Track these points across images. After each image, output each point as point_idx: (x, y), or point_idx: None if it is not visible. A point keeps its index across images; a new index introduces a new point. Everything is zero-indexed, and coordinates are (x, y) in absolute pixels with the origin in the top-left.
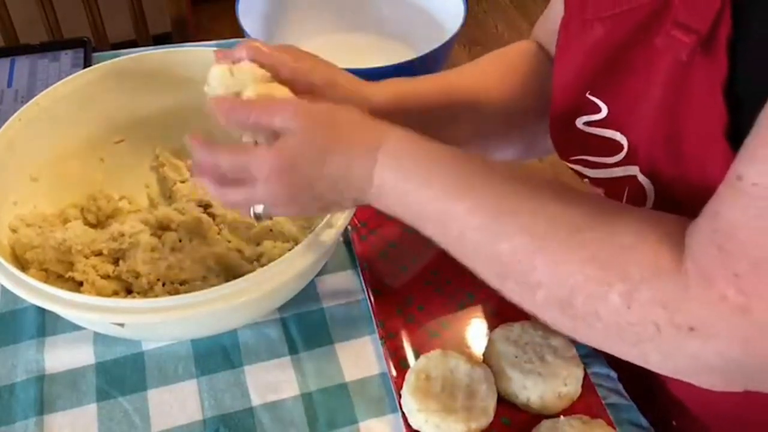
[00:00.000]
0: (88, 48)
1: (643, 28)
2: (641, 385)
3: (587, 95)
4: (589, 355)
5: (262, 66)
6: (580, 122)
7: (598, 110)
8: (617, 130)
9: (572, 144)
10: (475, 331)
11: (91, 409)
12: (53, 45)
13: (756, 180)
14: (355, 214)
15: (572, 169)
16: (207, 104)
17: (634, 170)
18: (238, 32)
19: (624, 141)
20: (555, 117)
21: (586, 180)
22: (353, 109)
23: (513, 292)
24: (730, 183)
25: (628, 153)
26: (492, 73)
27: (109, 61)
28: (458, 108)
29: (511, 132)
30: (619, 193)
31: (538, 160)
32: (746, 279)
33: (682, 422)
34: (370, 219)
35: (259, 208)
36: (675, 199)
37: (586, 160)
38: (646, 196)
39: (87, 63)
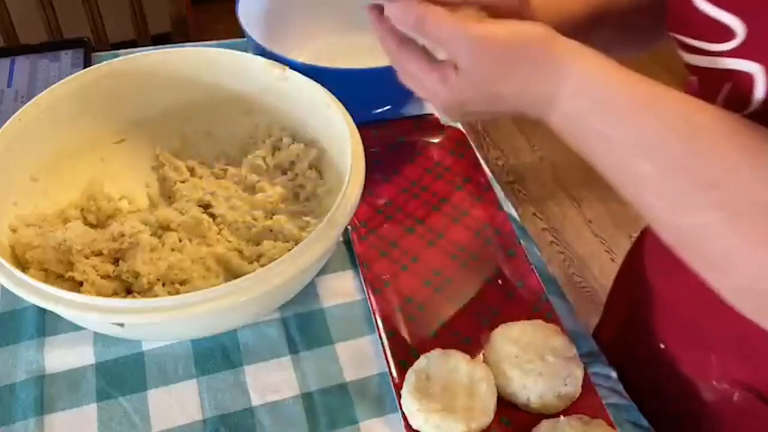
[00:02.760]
0: (88, 48)
1: None
2: (641, 385)
3: None
4: (589, 355)
5: None
6: None
7: None
8: (736, 13)
9: (676, 17)
10: (475, 331)
11: (91, 409)
12: (53, 45)
13: None
14: (355, 214)
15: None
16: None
17: (743, 65)
18: (238, 32)
19: (740, 28)
20: None
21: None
22: (537, 33)
23: (693, 264)
24: None
25: (744, 43)
26: None
27: (109, 61)
28: (603, 15)
29: (645, 22)
30: (714, 88)
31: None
32: None
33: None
34: (370, 219)
35: None
36: None
37: (683, 42)
38: (750, 100)
39: (87, 63)
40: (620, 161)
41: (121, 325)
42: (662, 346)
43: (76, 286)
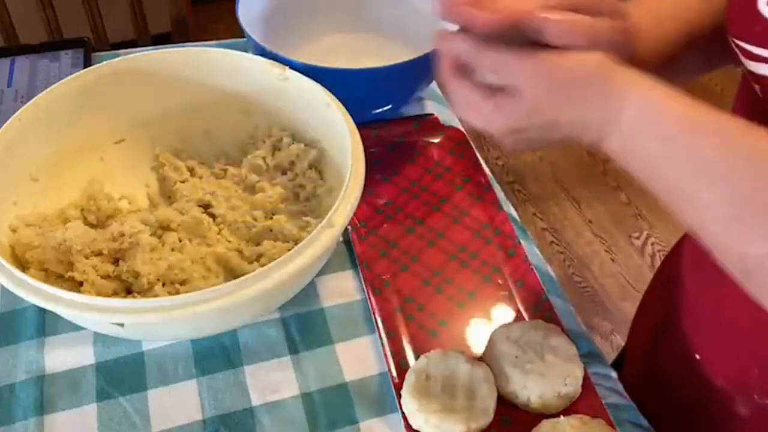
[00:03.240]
0: (88, 48)
1: None
2: (657, 378)
3: None
4: (589, 355)
5: None
6: (763, 2)
7: None
8: None
9: (738, 23)
10: (475, 331)
11: (91, 409)
12: (53, 45)
13: None
14: (355, 214)
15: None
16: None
17: None
18: (238, 32)
19: None
20: None
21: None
22: (597, 62)
23: (755, 293)
24: None
25: None
26: None
27: (108, 61)
28: (695, 30)
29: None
30: None
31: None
32: None
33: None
34: (370, 219)
35: None
36: None
37: (745, 49)
38: None
39: (87, 63)
40: (682, 189)
41: (121, 325)
42: (697, 356)
43: (76, 286)
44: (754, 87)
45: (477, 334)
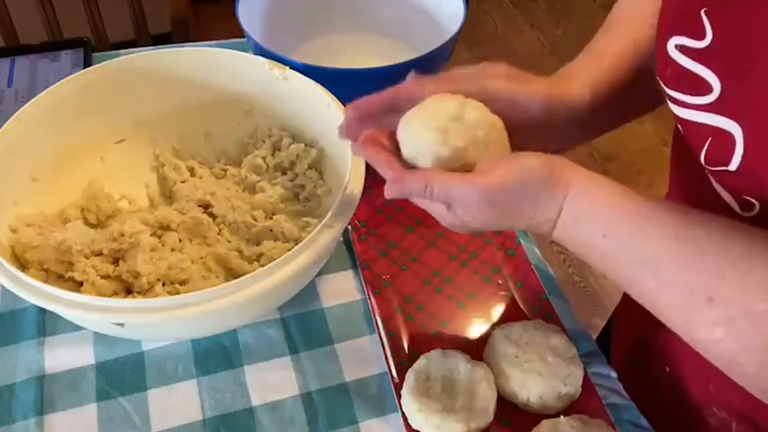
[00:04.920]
0: (88, 48)
1: None
2: (641, 385)
3: (701, 12)
4: (589, 355)
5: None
6: (671, 44)
7: (702, 36)
8: (713, 68)
9: (658, 65)
10: (475, 331)
11: (91, 409)
12: (53, 45)
13: None
14: (355, 214)
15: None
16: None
17: (721, 122)
18: (238, 32)
19: (716, 83)
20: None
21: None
22: (537, 168)
23: (717, 364)
24: None
25: (720, 100)
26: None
27: (109, 61)
28: (639, 77)
29: None
30: (698, 141)
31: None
32: None
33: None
34: (370, 219)
35: None
36: None
37: (665, 91)
38: (731, 158)
39: (87, 63)
40: (628, 278)
41: (121, 325)
42: (667, 369)
43: (76, 286)
44: (678, 126)
45: (477, 334)
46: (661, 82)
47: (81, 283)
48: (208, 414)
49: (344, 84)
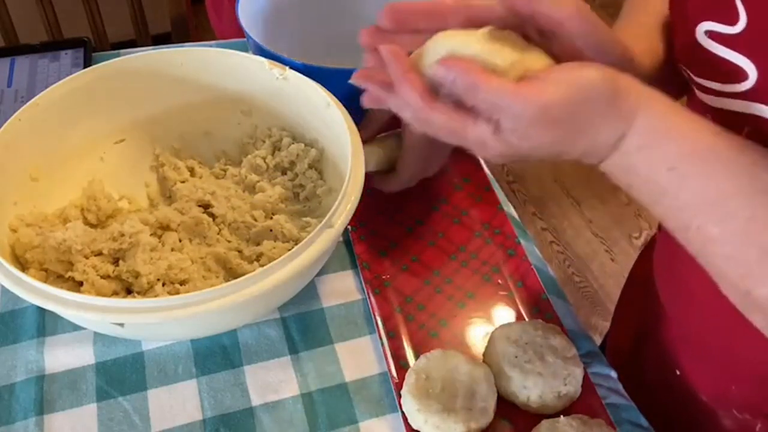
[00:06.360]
0: (88, 48)
1: None
2: (641, 385)
3: None
4: (589, 355)
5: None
6: (701, 30)
7: (735, 21)
8: (748, 54)
9: (685, 53)
10: (475, 331)
11: (91, 409)
12: (53, 45)
13: None
14: (355, 214)
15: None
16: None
17: (759, 109)
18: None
19: (752, 70)
20: (674, 7)
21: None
22: (597, 81)
23: (758, 322)
24: None
25: (756, 86)
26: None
27: (108, 61)
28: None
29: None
30: (733, 131)
31: None
32: None
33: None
34: (370, 219)
35: None
36: None
37: (694, 80)
38: None
39: (87, 63)
40: (687, 221)
41: (121, 325)
42: (678, 372)
43: (76, 286)
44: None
45: (477, 334)
46: (687, 71)
47: (81, 283)
48: (208, 414)
49: (344, 84)
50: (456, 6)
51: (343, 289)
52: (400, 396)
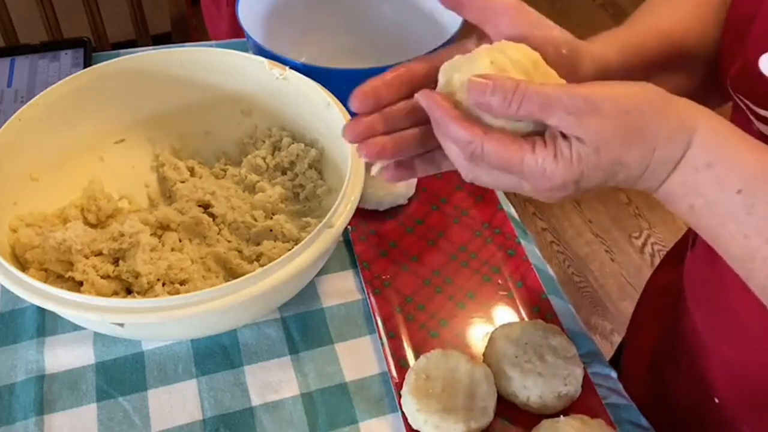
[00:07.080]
0: (88, 48)
1: None
2: (641, 385)
3: None
4: (589, 355)
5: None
6: (764, 60)
7: None
8: None
9: (741, 80)
10: (475, 331)
11: (91, 409)
12: (53, 45)
13: None
14: (355, 214)
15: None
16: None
17: None
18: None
19: None
20: (731, 36)
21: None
22: (648, 95)
23: None
24: None
25: None
26: (691, 11)
27: (108, 61)
28: (676, 58)
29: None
30: None
31: None
32: None
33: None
34: (370, 219)
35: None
36: None
37: (750, 108)
38: None
39: (87, 63)
40: (752, 251)
41: (121, 325)
42: (716, 400)
43: (76, 286)
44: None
45: (477, 334)
46: (744, 99)
47: (81, 283)
48: (208, 414)
49: (344, 84)
50: (420, 65)
51: (343, 289)
52: (400, 396)
